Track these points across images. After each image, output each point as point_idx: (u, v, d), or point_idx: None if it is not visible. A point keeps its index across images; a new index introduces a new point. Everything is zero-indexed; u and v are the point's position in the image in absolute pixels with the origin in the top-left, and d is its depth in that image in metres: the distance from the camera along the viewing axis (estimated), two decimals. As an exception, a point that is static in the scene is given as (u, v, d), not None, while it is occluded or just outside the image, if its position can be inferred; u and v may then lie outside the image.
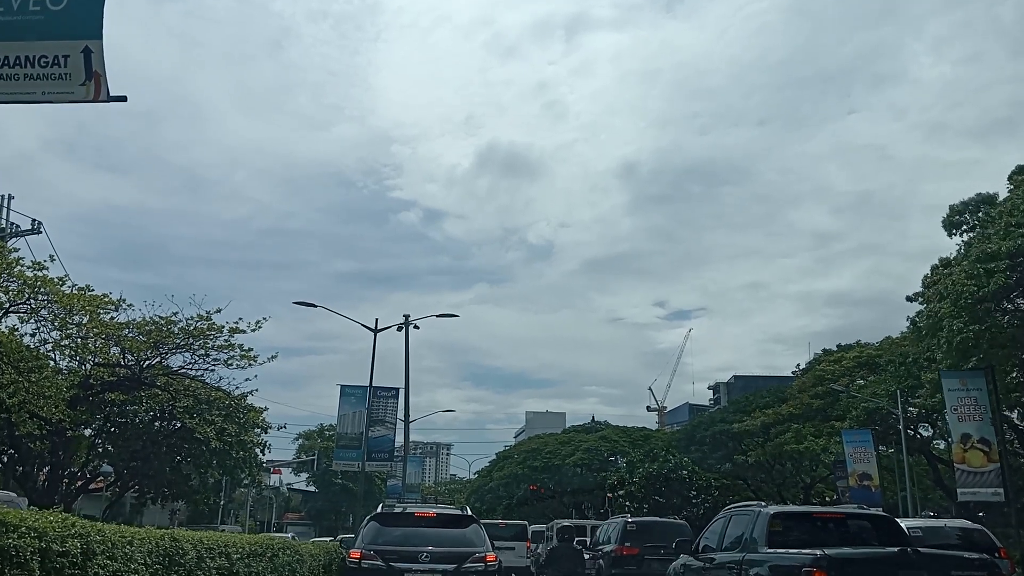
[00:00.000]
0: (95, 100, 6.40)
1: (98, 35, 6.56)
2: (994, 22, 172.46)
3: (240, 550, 9.72)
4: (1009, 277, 20.97)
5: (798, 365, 57.91)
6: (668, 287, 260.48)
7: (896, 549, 8.14)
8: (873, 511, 11.16)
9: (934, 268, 28.56)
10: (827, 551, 8.02)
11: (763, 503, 10.65)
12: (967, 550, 11.51)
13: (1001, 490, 25.44)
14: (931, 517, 25.82)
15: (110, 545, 6.09)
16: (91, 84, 6.46)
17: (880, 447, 40.07)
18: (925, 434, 42.52)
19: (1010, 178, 26.26)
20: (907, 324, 36.03)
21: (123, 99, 6.43)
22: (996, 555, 12.26)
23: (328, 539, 33.44)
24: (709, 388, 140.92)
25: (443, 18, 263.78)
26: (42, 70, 6.52)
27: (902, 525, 10.55)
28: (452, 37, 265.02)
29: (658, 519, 23.48)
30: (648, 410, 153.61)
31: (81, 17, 6.68)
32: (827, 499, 49.19)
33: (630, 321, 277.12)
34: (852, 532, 9.85)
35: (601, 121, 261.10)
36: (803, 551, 8.37)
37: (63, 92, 6.54)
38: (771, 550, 9.10)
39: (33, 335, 24.97)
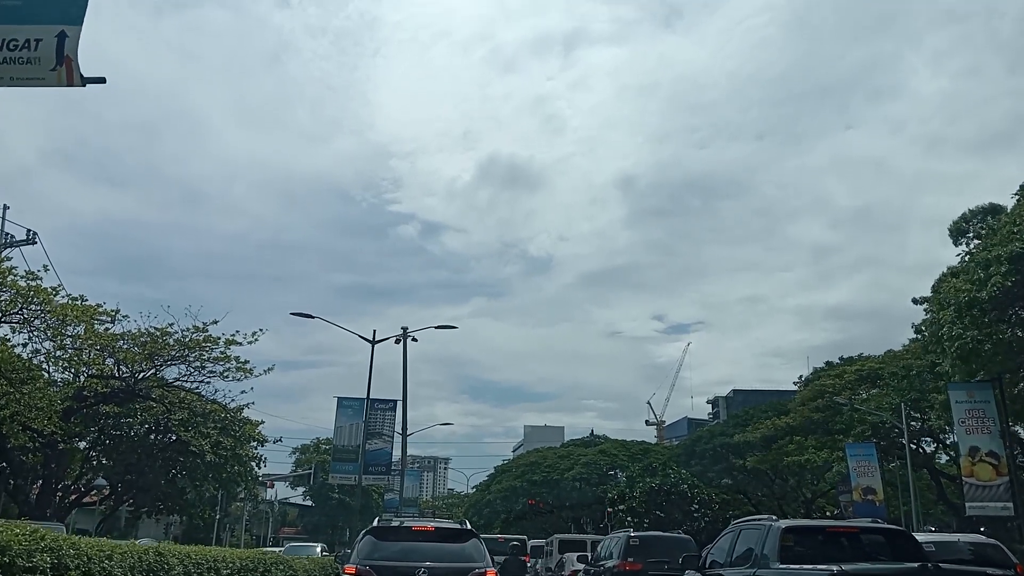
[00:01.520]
0: (68, 85, 6.07)
1: (78, 21, 6.26)
2: (993, 36, 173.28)
3: (230, 565, 9.32)
4: (1007, 278, 20.66)
5: (800, 377, 57.62)
6: (666, 301, 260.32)
7: (916, 565, 7.77)
8: (888, 525, 10.77)
9: (943, 276, 28.30)
10: (844, 567, 7.66)
11: (774, 517, 10.26)
12: (982, 566, 11.14)
13: (1011, 504, 25.05)
14: (931, 532, 25.43)
15: (85, 560, 5.67)
16: (62, 69, 6.14)
17: (882, 461, 39.67)
18: (928, 449, 42.14)
19: (1021, 189, 26.09)
20: (912, 332, 35.74)
21: (101, 80, 6.11)
22: (1013, 571, 11.89)
23: (278, 549, 32.08)
24: (708, 402, 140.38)
25: (442, 33, 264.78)
26: (10, 54, 6.21)
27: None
28: (451, 52, 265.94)
29: (662, 534, 22.94)
30: (647, 424, 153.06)
31: (65, 1, 6.34)
32: (827, 513, 48.74)
33: (628, 335, 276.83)
34: (866, 547, 9.46)
35: (599, 135, 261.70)
36: (818, 567, 8.00)
37: (32, 78, 6.22)
38: (783, 566, 8.73)
39: (25, 345, 24.64)
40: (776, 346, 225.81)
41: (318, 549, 35.14)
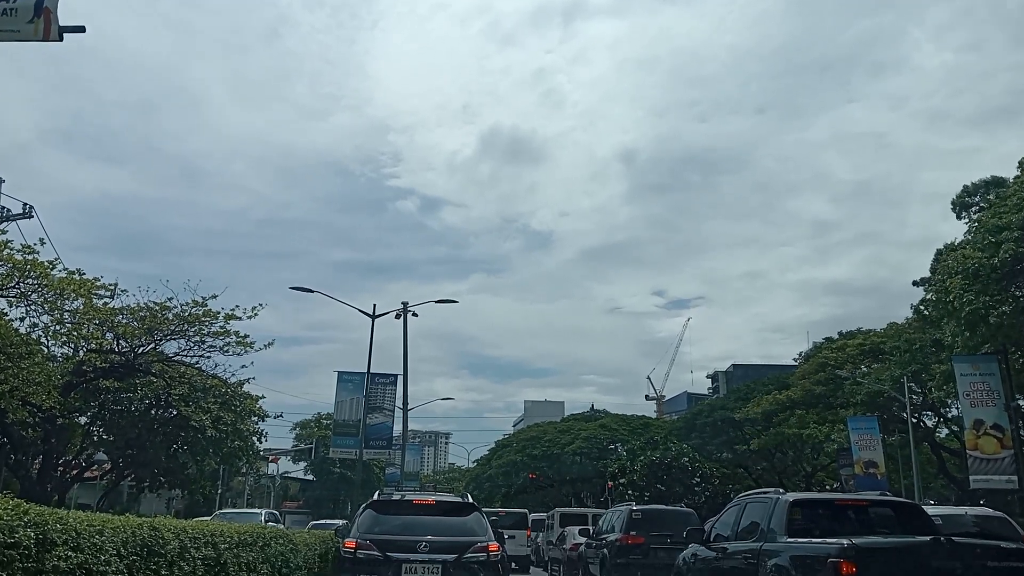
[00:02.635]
0: (44, 39, 5.78)
1: None
2: (996, 9, 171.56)
3: (228, 539, 9.15)
4: (1020, 244, 20.41)
5: (800, 353, 57.54)
6: (667, 276, 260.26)
7: (928, 538, 7.61)
8: (897, 498, 10.63)
9: (941, 251, 28.10)
10: (855, 540, 7.49)
11: (781, 490, 10.11)
12: (989, 539, 10.99)
13: (1015, 477, 24.94)
14: (931, 505, 25.49)
15: (74, 535, 5.45)
16: (39, 22, 5.85)
17: (882, 435, 39.61)
18: (928, 423, 42.08)
19: (1020, 164, 25.83)
20: (911, 311, 35.57)
21: (81, 30, 5.81)
22: (1022, 544, 11.72)
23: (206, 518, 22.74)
24: (708, 377, 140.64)
25: (440, 5, 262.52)
26: (-11, 6, 5.90)
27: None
28: (449, 24, 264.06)
29: (665, 507, 22.85)
30: (647, 399, 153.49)
31: None
32: (827, 487, 48.88)
33: (628, 310, 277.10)
34: (875, 520, 9.32)
35: (599, 109, 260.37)
36: (827, 540, 7.84)
37: (8, 30, 5.92)
38: (791, 539, 8.58)
39: (22, 319, 24.43)
40: (776, 321, 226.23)
41: (262, 517, 29.91)
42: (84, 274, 25.58)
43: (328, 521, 36.77)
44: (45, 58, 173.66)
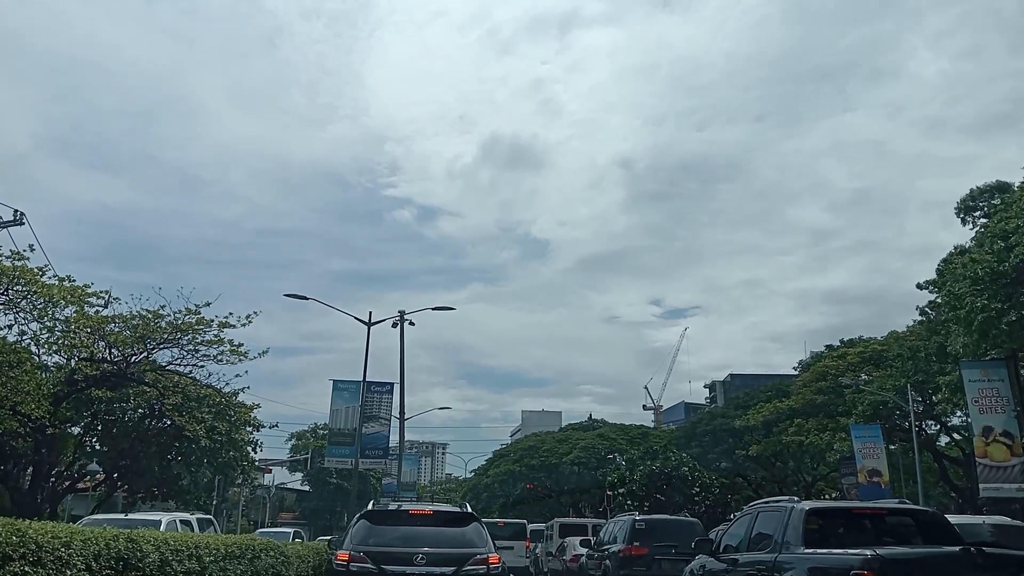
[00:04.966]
0: None
1: None
2: (994, 15, 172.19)
3: (214, 552, 8.68)
4: None
5: (800, 361, 57.15)
6: (664, 285, 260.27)
7: (958, 548, 7.17)
8: (918, 507, 10.18)
9: (949, 255, 27.75)
10: (878, 551, 7.04)
11: (795, 498, 9.66)
12: (1006, 549, 10.56)
13: (1027, 486, 24.49)
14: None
15: (34, 547, 4.98)
16: None
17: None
18: (930, 431, 41.68)
19: None
20: (917, 314, 35.18)
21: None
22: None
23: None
24: (705, 387, 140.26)
25: (438, 14, 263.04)
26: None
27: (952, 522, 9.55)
28: (447, 33, 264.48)
29: (668, 517, 22.42)
30: (644, 409, 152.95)
31: None
32: (825, 497, 48.50)
33: (625, 319, 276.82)
34: (895, 530, 8.88)
35: (597, 118, 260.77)
36: (849, 551, 7.39)
37: None
38: (809, 551, 8.13)
39: (10, 327, 23.96)
40: (773, 330, 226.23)
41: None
42: (74, 281, 25.16)
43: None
44: (43, 66, 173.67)
